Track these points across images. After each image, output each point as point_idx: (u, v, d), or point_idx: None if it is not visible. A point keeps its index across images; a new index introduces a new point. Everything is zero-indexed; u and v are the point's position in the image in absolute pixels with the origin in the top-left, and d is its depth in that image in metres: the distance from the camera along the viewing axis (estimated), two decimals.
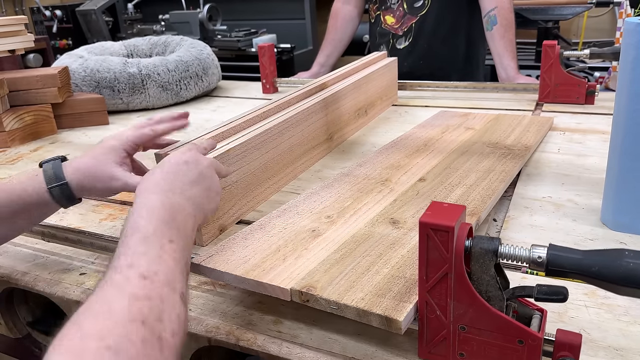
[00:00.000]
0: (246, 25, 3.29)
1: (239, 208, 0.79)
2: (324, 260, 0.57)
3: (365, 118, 1.23)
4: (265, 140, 0.84)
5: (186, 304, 0.44)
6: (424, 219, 0.44)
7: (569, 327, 0.50)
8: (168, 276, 0.43)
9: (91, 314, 0.37)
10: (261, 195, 0.85)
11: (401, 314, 0.47)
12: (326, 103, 1.03)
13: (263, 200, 0.85)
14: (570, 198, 0.80)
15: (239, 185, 0.79)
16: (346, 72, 1.21)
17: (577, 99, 1.27)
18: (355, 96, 1.16)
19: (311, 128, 0.99)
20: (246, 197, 0.81)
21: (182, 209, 0.51)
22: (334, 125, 1.08)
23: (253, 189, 0.83)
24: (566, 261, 0.42)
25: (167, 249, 0.45)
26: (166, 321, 0.39)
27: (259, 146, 0.83)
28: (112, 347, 0.35)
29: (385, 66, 1.32)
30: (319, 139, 1.02)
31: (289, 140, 0.91)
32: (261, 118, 0.90)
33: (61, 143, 1.28)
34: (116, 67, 1.46)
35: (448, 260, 0.44)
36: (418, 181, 0.79)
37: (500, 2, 1.50)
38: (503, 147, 0.92)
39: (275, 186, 0.89)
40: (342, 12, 1.79)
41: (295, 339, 0.55)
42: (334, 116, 1.06)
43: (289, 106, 0.98)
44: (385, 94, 1.34)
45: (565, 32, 3.09)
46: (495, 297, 0.45)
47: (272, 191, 0.88)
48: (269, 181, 0.87)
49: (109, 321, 0.37)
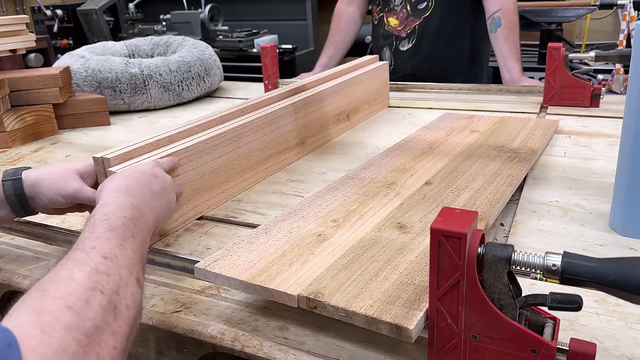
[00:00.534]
0: (248, 25, 3.29)
1: (183, 213, 0.77)
2: (330, 265, 0.56)
3: (347, 123, 1.20)
4: (217, 145, 0.82)
5: (141, 287, 0.48)
6: (436, 225, 0.43)
7: (580, 336, 0.49)
8: (127, 261, 0.47)
9: (53, 281, 0.41)
10: (212, 200, 0.83)
11: (411, 322, 0.46)
12: (296, 107, 1.00)
13: (214, 205, 0.83)
14: (578, 202, 0.79)
15: (185, 189, 0.77)
16: (330, 75, 1.19)
17: (582, 102, 1.26)
18: (335, 100, 1.13)
19: (277, 132, 0.96)
20: (193, 202, 0.79)
21: (145, 216, 0.56)
22: (307, 130, 1.05)
23: (201, 194, 0.81)
24: (582, 269, 0.41)
25: (129, 242, 0.50)
26: (122, 295, 0.43)
27: (208, 150, 0.81)
28: (72, 307, 0.38)
29: (374, 69, 1.29)
30: (287, 144, 0.99)
31: (247, 145, 0.89)
32: (220, 121, 0.88)
33: (62, 143, 1.27)
34: (118, 67, 1.45)
35: (460, 268, 0.43)
36: (424, 185, 0.78)
37: (505, 4, 1.49)
38: (509, 151, 0.91)
39: (231, 191, 0.87)
40: (345, 13, 1.78)
41: (302, 346, 0.54)
42: (306, 120, 1.04)
43: (254, 110, 0.95)
44: (373, 99, 1.30)
45: (567, 34, 3.08)
46: (507, 305, 0.44)
47: (227, 196, 0.86)
48: (222, 186, 0.85)
49: (71, 287, 0.40)
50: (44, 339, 0.35)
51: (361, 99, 1.25)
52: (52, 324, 0.36)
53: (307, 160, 1.03)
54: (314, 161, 1.03)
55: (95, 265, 0.43)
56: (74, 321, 0.37)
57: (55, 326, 0.36)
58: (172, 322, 0.59)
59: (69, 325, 0.37)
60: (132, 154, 0.73)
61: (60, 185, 0.67)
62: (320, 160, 1.03)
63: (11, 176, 0.66)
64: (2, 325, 0.35)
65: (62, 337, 0.36)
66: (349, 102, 1.19)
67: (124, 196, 0.56)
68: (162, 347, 0.60)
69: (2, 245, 0.79)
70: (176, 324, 0.58)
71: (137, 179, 0.61)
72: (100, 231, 0.49)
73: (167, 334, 0.59)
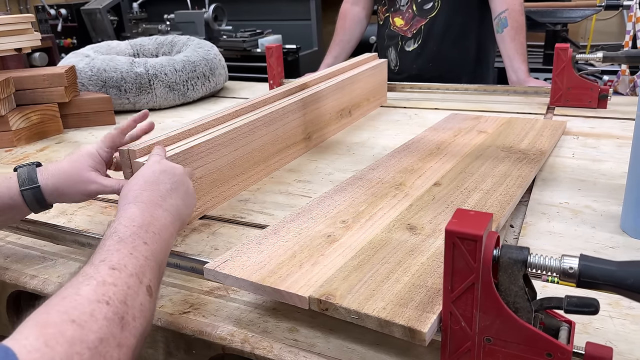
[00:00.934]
0: (251, 25, 3.28)
1: (202, 203, 0.81)
2: (341, 267, 0.56)
3: (350, 119, 1.24)
4: (234, 138, 0.86)
5: (152, 296, 0.47)
6: (451, 227, 0.43)
7: (594, 339, 0.49)
8: (137, 269, 0.46)
9: (61, 296, 0.41)
10: (228, 191, 0.86)
11: (425, 325, 0.46)
12: (304, 103, 1.04)
13: (230, 196, 0.87)
14: (588, 204, 0.79)
15: (204, 181, 0.80)
16: (332, 73, 1.22)
17: (590, 103, 1.25)
18: (337, 97, 1.17)
19: (287, 127, 0.99)
20: (211, 193, 0.82)
21: (159, 219, 0.55)
22: (313, 125, 1.08)
23: (219, 185, 0.84)
24: (599, 272, 0.41)
25: (140, 249, 0.49)
26: (129, 305, 0.43)
27: (226, 144, 0.84)
28: (76, 320, 0.38)
29: (373, 67, 1.32)
30: (295, 138, 1.03)
31: (261, 138, 0.92)
32: (233, 116, 0.91)
33: (67, 143, 1.26)
34: (123, 66, 1.45)
35: (475, 270, 0.43)
36: (433, 186, 0.77)
37: (511, 5, 1.49)
38: (518, 152, 0.91)
39: (244, 183, 0.90)
40: (351, 13, 1.78)
41: (313, 348, 0.53)
42: (312, 116, 1.07)
43: (264, 105, 0.98)
44: (372, 95, 1.35)
45: (573, 35, 3.07)
46: (522, 309, 0.44)
47: (240, 188, 0.89)
48: (237, 178, 0.88)
49: (75, 301, 0.40)
50: (46, 352, 0.35)
51: (361, 95, 1.28)
52: (56, 337, 0.36)
53: (313, 161, 1.03)
54: (320, 161, 1.02)
55: (102, 277, 0.43)
56: (77, 335, 0.37)
57: (59, 339, 0.36)
58: (181, 323, 0.58)
59: (72, 339, 0.37)
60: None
61: (81, 188, 0.68)
62: (327, 160, 1.02)
63: (29, 184, 0.65)
64: (4, 345, 0.34)
65: (65, 350, 0.36)
66: (350, 98, 1.23)
67: (132, 206, 0.55)
68: (171, 348, 0.60)
69: (9, 245, 0.79)
70: (185, 325, 0.58)
71: (146, 182, 0.60)
72: (109, 244, 0.48)
73: (176, 335, 0.58)
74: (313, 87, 1.11)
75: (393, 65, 1.71)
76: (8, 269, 0.72)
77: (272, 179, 0.95)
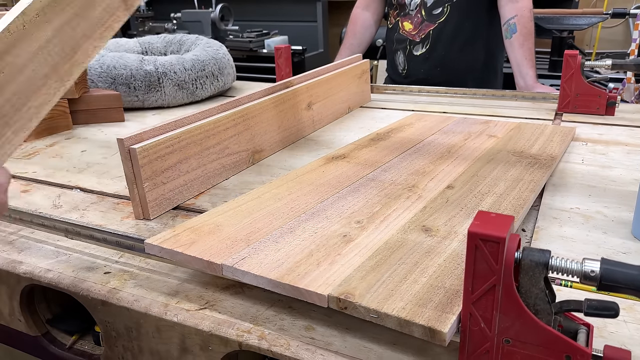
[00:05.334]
0: (258, 26, 3.29)
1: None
2: (359, 266, 0.56)
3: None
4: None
5: None
6: (473, 229, 0.43)
7: (609, 343, 0.49)
8: None
9: None
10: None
11: (445, 325, 0.46)
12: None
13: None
14: (599, 210, 0.79)
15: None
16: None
17: (598, 110, 1.26)
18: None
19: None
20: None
21: None
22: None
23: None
24: (621, 276, 0.41)
25: None
26: None
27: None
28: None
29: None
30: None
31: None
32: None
33: (77, 139, 1.27)
34: (133, 64, 1.45)
35: (497, 272, 0.43)
36: (446, 188, 0.78)
37: (521, 11, 1.50)
38: (529, 157, 0.91)
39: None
40: (361, 18, 1.79)
41: (329, 347, 0.53)
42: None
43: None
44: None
45: (578, 43, 3.08)
46: (542, 311, 0.44)
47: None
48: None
49: None
50: None
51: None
52: None
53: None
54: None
55: None
56: None
57: None
58: (197, 319, 0.59)
59: None
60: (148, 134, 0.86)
61: None
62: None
63: None
64: None
65: None
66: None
67: None
68: (187, 345, 0.60)
69: (22, 239, 0.79)
70: (201, 322, 0.58)
71: None
72: None
73: (192, 331, 0.59)
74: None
75: (401, 69, 1.72)
76: (22, 262, 0.73)
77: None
